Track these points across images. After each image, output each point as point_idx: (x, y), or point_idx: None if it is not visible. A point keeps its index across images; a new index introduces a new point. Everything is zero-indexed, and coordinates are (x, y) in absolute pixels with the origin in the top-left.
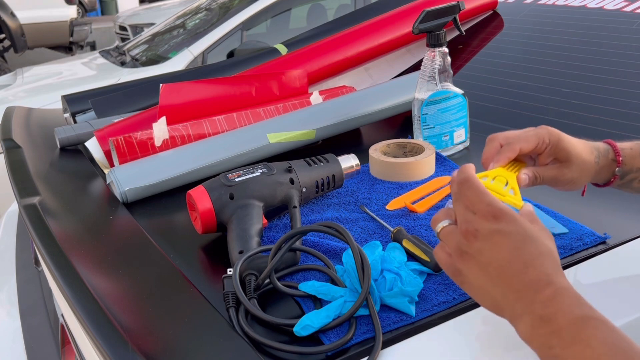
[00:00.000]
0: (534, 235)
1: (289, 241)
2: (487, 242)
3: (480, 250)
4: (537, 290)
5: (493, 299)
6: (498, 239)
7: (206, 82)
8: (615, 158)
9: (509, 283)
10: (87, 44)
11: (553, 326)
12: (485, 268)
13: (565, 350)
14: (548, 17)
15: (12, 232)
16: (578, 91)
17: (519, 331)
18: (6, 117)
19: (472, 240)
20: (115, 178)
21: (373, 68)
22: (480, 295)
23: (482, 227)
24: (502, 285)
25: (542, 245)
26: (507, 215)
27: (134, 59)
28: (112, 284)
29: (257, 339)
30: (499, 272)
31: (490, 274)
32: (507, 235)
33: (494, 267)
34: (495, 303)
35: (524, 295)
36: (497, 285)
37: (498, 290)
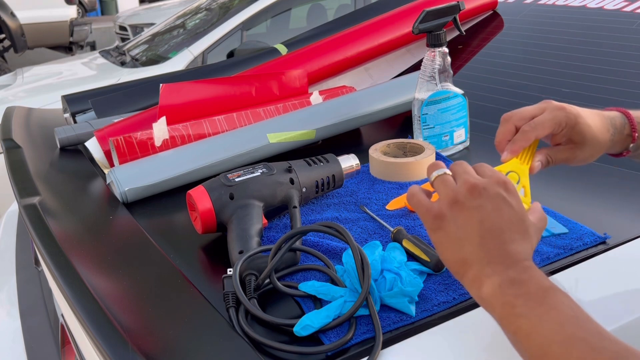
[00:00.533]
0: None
1: (289, 241)
2: (490, 202)
3: (480, 207)
4: (515, 260)
5: (464, 254)
6: (501, 205)
7: (206, 82)
8: (631, 133)
9: (491, 247)
10: (87, 44)
11: (522, 289)
12: (478, 224)
13: (530, 310)
14: (548, 17)
15: (12, 232)
16: (578, 91)
17: (481, 290)
18: (6, 117)
19: (475, 195)
20: (115, 178)
21: (373, 68)
22: (453, 247)
23: (491, 187)
24: (484, 245)
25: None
26: (517, 195)
27: (134, 59)
28: (112, 284)
29: (257, 339)
30: (488, 233)
31: (478, 231)
32: (510, 206)
33: (486, 227)
34: (464, 258)
35: (501, 260)
36: (479, 243)
37: (477, 248)
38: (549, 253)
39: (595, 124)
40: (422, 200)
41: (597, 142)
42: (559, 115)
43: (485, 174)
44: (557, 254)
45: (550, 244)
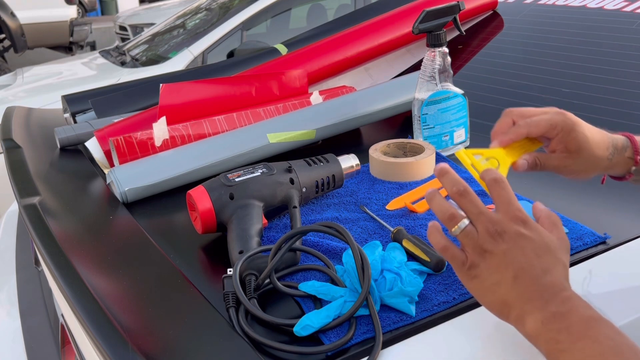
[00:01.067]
0: (553, 246)
1: (289, 241)
2: (513, 244)
3: (505, 251)
4: (553, 292)
5: (502, 298)
6: (523, 243)
7: (206, 82)
8: (633, 156)
9: (527, 285)
10: (87, 44)
11: (564, 322)
12: (506, 268)
13: (572, 344)
14: (548, 17)
15: (12, 232)
16: (578, 91)
17: (526, 327)
18: (6, 117)
19: (498, 240)
20: (115, 178)
21: (373, 68)
22: (489, 293)
23: (510, 229)
24: (519, 285)
25: (558, 259)
26: (533, 224)
27: (134, 59)
28: (112, 284)
29: (257, 339)
30: (519, 274)
31: (509, 273)
32: (532, 241)
33: (515, 268)
34: (503, 301)
35: (540, 295)
36: (513, 284)
37: (513, 289)
38: None
39: (593, 137)
40: (455, 255)
41: (592, 156)
42: (556, 118)
43: (499, 208)
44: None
45: None
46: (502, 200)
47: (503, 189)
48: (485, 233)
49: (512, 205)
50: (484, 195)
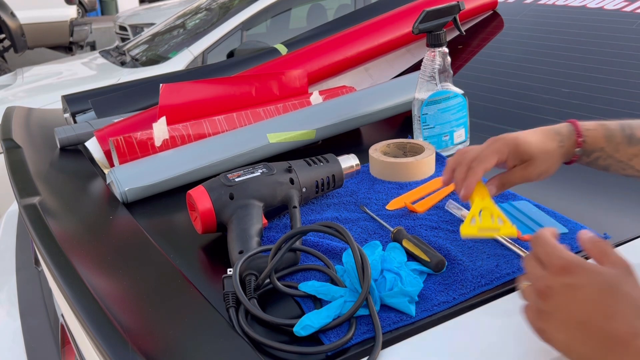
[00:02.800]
0: (609, 282)
1: (289, 241)
2: (562, 298)
3: (557, 307)
4: (625, 343)
5: (582, 354)
6: (572, 294)
7: (206, 82)
8: (576, 139)
9: (593, 337)
10: (87, 44)
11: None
12: (566, 324)
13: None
14: (548, 17)
15: (12, 232)
16: (578, 91)
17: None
18: (6, 117)
19: (547, 298)
20: (115, 178)
21: (373, 68)
22: (568, 352)
23: (554, 282)
24: (586, 339)
25: (618, 292)
26: (578, 267)
27: (134, 59)
28: (112, 284)
29: (257, 339)
30: (581, 327)
31: (572, 329)
32: (581, 289)
33: (575, 323)
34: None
35: (613, 347)
36: (581, 339)
37: (584, 344)
38: None
39: (536, 139)
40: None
41: (545, 154)
42: (498, 145)
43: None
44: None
45: None
46: (542, 254)
47: (538, 244)
48: (535, 293)
49: (552, 256)
50: None
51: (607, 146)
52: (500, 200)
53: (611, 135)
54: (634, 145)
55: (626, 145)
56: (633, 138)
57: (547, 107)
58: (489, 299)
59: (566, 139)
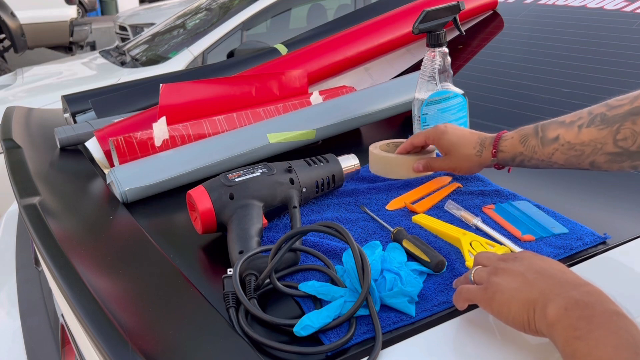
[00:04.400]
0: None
1: (289, 241)
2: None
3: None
4: (577, 285)
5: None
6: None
7: (206, 82)
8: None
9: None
10: (87, 44)
11: (586, 311)
12: (522, 274)
13: (589, 333)
14: (548, 17)
15: (12, 232)
16: (578, 91)
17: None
18: (6, 117)
19: (510, 260)
20: (115, 178)
21: (373, 68)
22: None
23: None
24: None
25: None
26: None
27: (134, 59)
28: (112, 284)
29: (257, 339)
30: (538, 274)
31: (528, 277)
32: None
33: (533, 271)
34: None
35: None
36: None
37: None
38: (548, 253)
39: (459, 140)
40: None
41: (460, 154)
42: (430, 131)
43: None
44: (557, 254)
45: (550, 244)
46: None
47: None
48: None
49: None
50: None
51: (525, 150)
52: (501, 201)
53: (526, 139)
54: (548, 145)
55: (541, 146)
56: (545, 139)
57: (547, 107)
58: None
59: (485, 149)
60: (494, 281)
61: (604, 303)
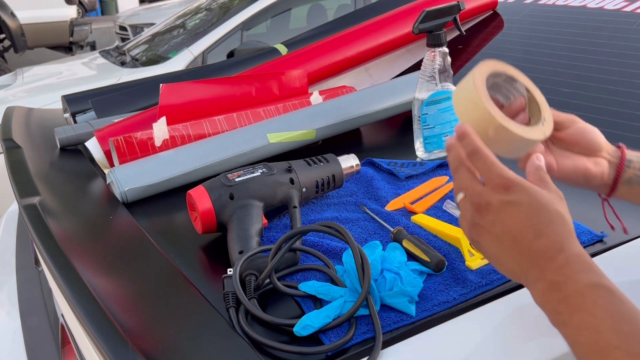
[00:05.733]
0: (544, 202)
1: (289, 241)
2: (499, 215)
3: (493, 222)
4: (549, 258)
5: (509, 268)
6: (509, 210)
7: (206, 82)
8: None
9: (522, 252)
10: (87, 44)
11: (562, 293)
12: (499, 239)
13: (571, 316)
14: (548, 17)
15: (12, 232)
16: (578, 91)
17: (533, 296)
18: (6, 117)
19: (484, 213)
20: (115, 178)
21: (373, 68)
22: (497, 264)
23: (493, 199)
24: (515, 254)
25: (553, 211)
26: (517, 185)
27: (134, 59)
28: (112, 284)
29: (257, 339)
30: (512, 242)
31: (504, 244)
32: (518, 206)
33: (507, 238)
34: (511, 271)
35: (537, 263)
36: (510, 254)
37: (512, 259)
38: None
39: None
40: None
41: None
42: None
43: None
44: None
45: None
46: (481, 170)
47: (478, 159)
48: (473, 207)
49: (491, 173)
50: None
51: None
52: None
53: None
54: None
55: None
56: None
57: None
58: (489, 299)
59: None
60: (475, 240)
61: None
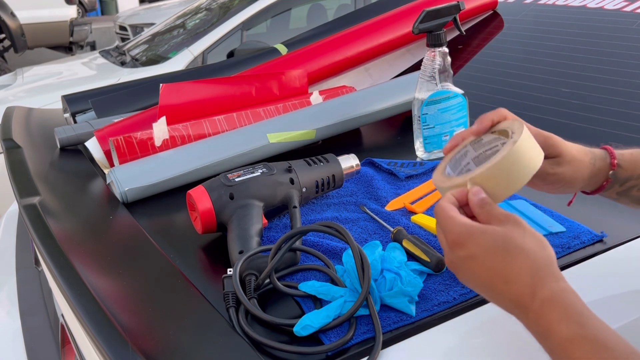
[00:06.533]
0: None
1: (289, 241)
2: (465, 271)
3: (466, 278)
4: (525, 305)
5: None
6: (471, 265)
7: (206, 82)
8: (611, 161)
9: (501, 299)
10: (87, 44)
11: (548, 343)
12: (479, 288)
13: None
14: (548, 17)
15: (12, 232)
16: (578, 91)
17: None
18: (6, 117)
19: (454, 269)
20: (115, 178)
21: (373, 68)
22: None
23: (453, 257)
24: (497, 300)
25: (512, 250)
26: (467, 237)
27: (134, 59)
28: (112, 284)
29: (257, 339)
30: (488, 290)
31: (484, 292)
32: (475, 259)
33: (483, 288)
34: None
35: (517, 307)
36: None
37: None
38: None
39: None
40: None
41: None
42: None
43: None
44: (555, 252)
45: None
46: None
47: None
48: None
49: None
50: None
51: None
52: None
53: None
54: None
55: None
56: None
57: (547, 107)
58: None
59: (598, 159)
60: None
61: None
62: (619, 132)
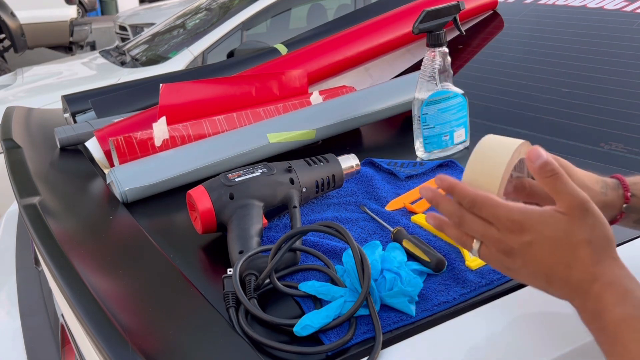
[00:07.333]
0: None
1: (289, 241)
2: (525, 257)
3: (524, 264)
4: (586, 290)
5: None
6: (533, 251)
7: (206, 82)
8: (624, 193)
9: (561, 285)
10: (87, 44)
11: (601, 322)
12: (535, 276)
13: (610, 347)
14: (548, 17)
15: (12, 232)
16: (578, 91)
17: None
18: (6, 117)
19: (512, 257)
20: (115, 178)
21: (373, 68)
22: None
23: (513, 243)
24: (555, 288)
25: (575, 239)
26: (529, 222)
27: (134, 59)
28: (112, 284)
29: (257, 339)
30: (547, 278)
31: (541, 280)
32: (539, 244)
33: (541, 275)
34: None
35: (577, 293)
36: (551, 287)
37: (555, 291)
38: None
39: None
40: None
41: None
42: None
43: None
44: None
45: None
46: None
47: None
48: (499, 253)
49: (500, 218)
50: None
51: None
52: None
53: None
54: None
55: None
56: None
57: (547, 107)
58: (489, 299)
59: (610, 189)
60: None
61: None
62: (619, 132)
